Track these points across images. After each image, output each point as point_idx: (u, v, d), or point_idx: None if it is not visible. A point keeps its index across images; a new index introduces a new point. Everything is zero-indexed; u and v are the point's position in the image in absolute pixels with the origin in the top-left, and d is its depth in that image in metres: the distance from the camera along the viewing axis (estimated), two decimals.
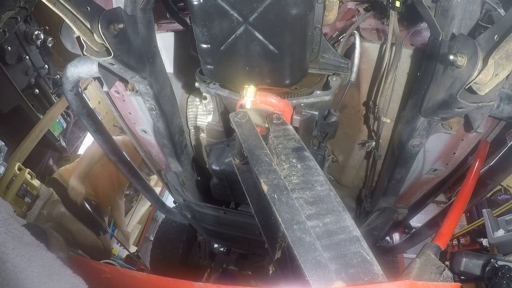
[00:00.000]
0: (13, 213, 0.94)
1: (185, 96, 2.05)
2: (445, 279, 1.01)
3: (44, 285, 0.80)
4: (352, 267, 0.72)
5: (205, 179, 2.38)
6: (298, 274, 0.74)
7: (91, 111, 1.83)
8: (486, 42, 0.95)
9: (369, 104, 1.70)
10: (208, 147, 2.08)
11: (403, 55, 1.47)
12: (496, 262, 1.89)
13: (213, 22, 1.10)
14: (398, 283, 0.71)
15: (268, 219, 1.18)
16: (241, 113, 1.16)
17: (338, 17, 1.66)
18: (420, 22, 1.53)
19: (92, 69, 1.45)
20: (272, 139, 1.08)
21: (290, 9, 1.04)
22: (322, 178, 0.92)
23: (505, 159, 1.55)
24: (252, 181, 1.22)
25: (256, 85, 1.29)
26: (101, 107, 5.50)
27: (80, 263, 1.08)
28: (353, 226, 0.80)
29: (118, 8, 1.19)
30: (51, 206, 3.52)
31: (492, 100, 1.01)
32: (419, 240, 2.40)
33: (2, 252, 0.82)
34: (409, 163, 1.66)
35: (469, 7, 1.14)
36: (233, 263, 3.40)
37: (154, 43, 1.47)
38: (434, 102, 1.25)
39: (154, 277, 0.99)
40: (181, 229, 3.64)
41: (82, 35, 1.08)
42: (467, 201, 1.49)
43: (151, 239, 6.87)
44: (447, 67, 1.15)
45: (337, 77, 1.45)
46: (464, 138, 1.66)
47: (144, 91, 1.56)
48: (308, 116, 1.44)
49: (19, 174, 3.62)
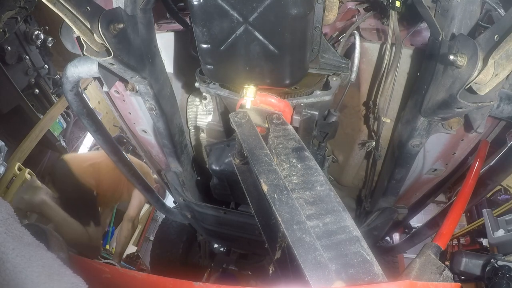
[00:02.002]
0: (13, 213, 0.94)
1: (185, 96, 2.05)
2: (445, 279, 1.01)
3: (44, 285, 0.80)
4: (352, 267, 0.72)
5: (205, 179, 2.38)
6: (298, 274, 0.74)
7: (91, 111, 1.83)
8: (486, 42, 0.95)
9: (369, 104, 1.70)
10: (208, 147, 2.08)
11: (403, 55, 1.47)
12: (496, 262, 1.89)
13: (213, 22, 1.10)
14: (398, 283, 0.71)
15: (268, 219, 1.18)
16: (241, 113, 1.16)
17: (338, 17, 1.66)
18: (420, 22, 1.53)
19: (92, 69, 1.45)
20: (272, 139, 1.07)
21: (290, 9, 1.04)
22: (322, 178, 0.92)
23: (505, 159, 1.55)
24: (252, 181, 1.22)
25: (256, 85, 1.29)
26: (101, 107, 5.51)
27: (80, 263, 1.08)
28: (353, 226, 0.80)
29: (118, 8, 1.19)
30: (32, 192, 3.48)
31: (492, 100, 1.01)
32: (419, 240, 2.40)
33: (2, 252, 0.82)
34: (409, 163, 1.66)
35: (469, 7, 1.14)
36: (233, 263, 3.40)
37: (154, 43, 1.47)
38: (434, 102, 1.25)
39: (154, 277, 1.00)
40: (181, 229, 3.64)
41: (82, 35, 1.08)
42: (467, 201, 1.49)
43: (151, 239, 6.88)
44: (447, 67, 1.15)
45: (337, 77, 1.45)
46: (464, 138, 1.66)
47: (144, 91, 1.56)
48: (308, 116, 1.44)
49: (19, 174, 3.63)
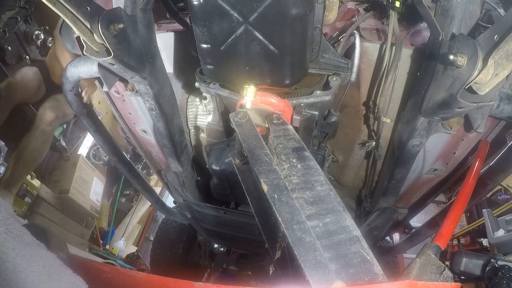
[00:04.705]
0: (13, 213, 0.94)
1: (185, 96, 2.05)
2: (445, 279, 1.01)
3: (44, 285, 0.80)
4: (352, 267, 0.72)
5: (205, 179, 2.37)
6: (298, 274, 0.74)
7: (91, 111, 1.83)
8: (486, 42, 0.95)
9: (369, 104, 1.70)
10: (208, 147, 2.08)
11: (403, 55, 1.47)
12: (496, 262, 1.89)
13: (213, 22, 1.10)
14: (398, 283, 0.71)
15: (268, 219, 1.18)
16: (241, 113, 1.16)
17: (338, 17, 1.66)
18: (420, 22, 1.53)
19: (92, 69, 1.45)
20: (272, 139, 1.07)
21: (290, 9, 1.04)
22: (322, 178, 0.92)
23: (505, 159, 1.55)
24: (252, 181, 1.22)
25: (256, 85, 1.29)
26: (101, 107, 5.50)
27: (80, 263, 1.08)
28: (353, 226, 0.80)
29: (118, 8, 1.19)
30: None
31: (492, 100, 1.01)
32: (419, 240, 2.40)
33: (2, 252, 0.82)
34: (409, 163, 1.66)
35: (469, 7, 1.14)
36: (233, 263, 3.40)
37: (154, 43, 1.47)
38: (434, 102, 1.25)
39: (154, 277, 0.99)
40: (181, 229, 3.64)
41: (82, 35, 1.08)
42: (467, 201, 1.49)
43: (151, 239, 6.88)
44: (447, 67, 1.15)
45: (337, 77, 1.45)
46: (464, 138, 1.66)
47: (144, 91, 1.56)
48: (308, 116, 1.44)
49: None
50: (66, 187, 4.48)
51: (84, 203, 4.70)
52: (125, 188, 6.96)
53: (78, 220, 4.79)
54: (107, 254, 5.42)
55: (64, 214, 4.43)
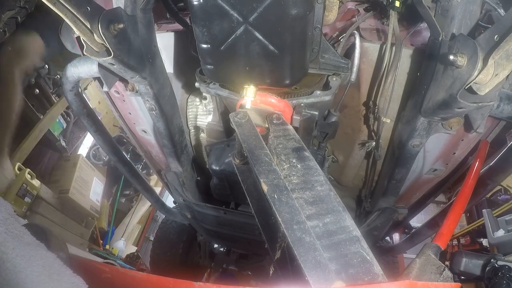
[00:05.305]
0: (13, 213, 0.94)
1: (185, 96, 2.05)
2: (445, 279, 1.01)
3: (44, 285, 0.80)
4: (352, 267, 0.72)
5: (205, 179, 2.38)
6: (298, 274, 0.74)
7: (91, 111, 1.83)
8: (486, 42, 0.95)
9: (369, 104, 1.70)
10: (208, 147, 2.08)
11: (403, 55, 1.47)
12: (496, 262, 1.89)
13: (213, 22, 1.10)
14: (398, 283, 0.70)
15: (268, 219, 1.18)
16: (241, 113, 1.16)
17: (338, 17, 1.66)
18: (420, 22, 1.53)
19: (92, 69, 1.45)
20: (272, 139, 1.07)
21: (290, 9, 1.04)
22: (322, 178, 0.92)
23: (505, 159, 1.55)
24: (252, 181, 1.22)
25: (256, 85, 1.29)
26: (101, 107, 5.50)
27: (80, 263, 1.08)
28: (353, 226, 0.80)
29: (118, 8, 1.19)
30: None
31: (492, 100, 1.01)
32: (419, 240, 2.40)
33: (2, 252, 0.82)
34: (409, 163, 1.66)
35: (469, 7, 1.14)
36: (233, 263, 3.40)
37: (154, 43, 1.47)
38: (434, 102, 1.25)
39: (154, 277, 0.99)
40: (181, 229, 3.64)
41: (82, 35, 1.08)
42: (467, 201, 1.49)
43: (151, 239, 6.88)
44: (447, 67, 1.15)
45: (337, 77, 1.45)
46: (464, 138, 1.66)
47: (144, 91, 1.56)
48: (308, 116, 1.44)
49: (19, 174, 3.63)
50: (66, 187, 4.48)
51: (84, 203, 4.70)
52: (125, 188, 6.96)
53: (78, 220, 4.79)
54: (107, 254, 5.42)
55: (64, 214, 4.43)
